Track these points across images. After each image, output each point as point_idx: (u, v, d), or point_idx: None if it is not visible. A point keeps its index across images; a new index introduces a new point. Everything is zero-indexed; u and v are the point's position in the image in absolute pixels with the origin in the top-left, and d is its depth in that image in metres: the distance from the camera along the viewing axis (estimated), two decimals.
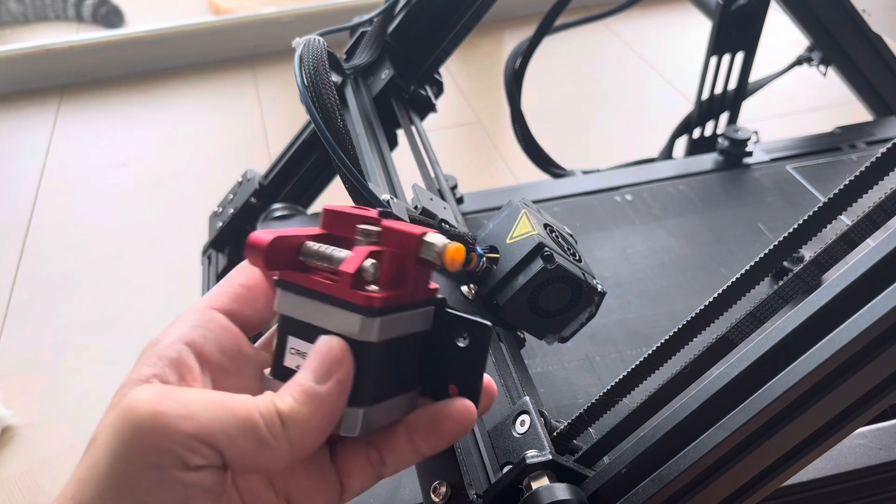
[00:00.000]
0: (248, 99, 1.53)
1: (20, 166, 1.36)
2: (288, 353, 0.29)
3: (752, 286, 0.31)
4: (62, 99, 1.56)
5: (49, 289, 1.08)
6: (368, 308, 0.27)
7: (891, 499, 0.46)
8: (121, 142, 1.42)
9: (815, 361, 0.27)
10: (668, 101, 1.42)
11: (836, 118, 0.92)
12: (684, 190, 0.76)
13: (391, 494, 0.49)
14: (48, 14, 1.80)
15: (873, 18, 0.71)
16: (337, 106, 0.38)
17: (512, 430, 0.34)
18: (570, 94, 1.48)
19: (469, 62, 1.60)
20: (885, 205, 0.27)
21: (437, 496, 0.32)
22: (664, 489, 0.29)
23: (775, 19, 0.81)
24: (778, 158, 0.79)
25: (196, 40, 1.65)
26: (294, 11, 1.68)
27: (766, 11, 0.79)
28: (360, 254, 0.28)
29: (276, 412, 0.26)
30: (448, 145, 1.35)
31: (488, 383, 0.30)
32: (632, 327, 0.60)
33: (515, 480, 0.31)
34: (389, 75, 0.63)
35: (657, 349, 0.32)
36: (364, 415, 0.28)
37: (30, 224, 1.22)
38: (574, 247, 0.43)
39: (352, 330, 0.28)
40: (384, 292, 0.28)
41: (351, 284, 0.27)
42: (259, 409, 0.25)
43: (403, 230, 0.29)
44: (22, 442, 0.85)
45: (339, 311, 0.28)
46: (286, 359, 0.29)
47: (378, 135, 0.56)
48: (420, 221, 0.41)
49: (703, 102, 0.85)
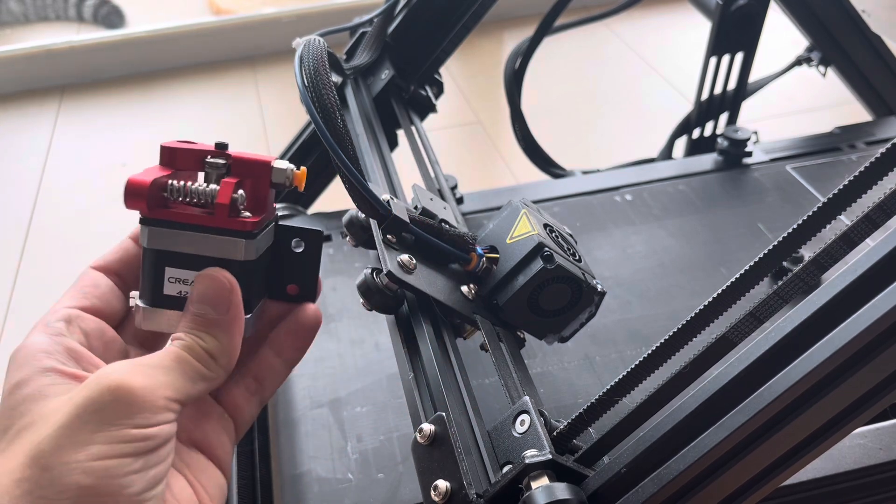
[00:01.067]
0: (249, 99, 1.53)
1: (21, 166, 1.36)
2: (167, 282, 0.33)
3: (751, 286, 0.31)
4: (63, 99, 1.56)
5: (50, 289, 1.08)
6: (248, 232, 0.32)
7: (890, 499, 0.46)
8: (121, 142, 1.42)
9: (814, 361, 0.27)
10: (667, 101, 1.43)
11: (835, 118, 0.92)
12: (684, 190, 0.76)
13: (391, 494, 0.50)
14: (49, 14, 1.81)
15: (873, 19, 0.71)
16: (337, 106, 0.38)
17: (512, 429, 0.34)
18: (570, 94, 1.48)
19: (469, 62, 1.60)
20: (884, 205, 0.27)
21: (437, 496, 0.32)
22: (664, 488, 0.30)
23: (775, 19, 0.81)
24: (777, 158, 0.79)
25: (196, 40, 1.65)
26: (294, 11, 1.68)
27: (765, 12, 0.79)
28: (228, 186, 0.32)
29: (205, 353, 0.31)
30: (448, 145, 1.35)
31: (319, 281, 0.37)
32: (632, 327, 0.60)
33: (515, 480, 0.31)
34: (389, 75, 0.63)
35: (657, 349, 0.32)
36: (248, 322, 0.34)
37: (30, 224, 1.22)
38: (574, 247, 0.43)
39: (236, 253, 0.32)
40: (255, 216, 0.32)
41: (228, 214, 0.32)
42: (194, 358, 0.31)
43: (255, 159, 0.33)
44: None
45: (218, 238, 0.32)
46: (166, 287, 0.33)
47: (378, 135, 0.56)
48: (419, 221, 0.41)
49: (702, 103, 0.85)
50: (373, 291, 0.40)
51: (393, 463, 0.51)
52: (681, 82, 1.47)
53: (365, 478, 0.51)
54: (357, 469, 0.51)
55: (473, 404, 0.37)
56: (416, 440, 0.35)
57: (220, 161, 0.33)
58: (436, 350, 0.38)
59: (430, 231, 0.41)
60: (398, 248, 0.40)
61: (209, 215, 0.32)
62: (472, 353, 0.48)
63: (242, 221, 0.32)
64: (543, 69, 1.17)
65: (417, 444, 0.35)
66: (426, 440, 0.34)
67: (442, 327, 0.40)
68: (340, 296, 0.64)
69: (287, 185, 0.34)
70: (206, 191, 0.32)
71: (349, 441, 0.53)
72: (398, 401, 0.56)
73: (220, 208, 0.32)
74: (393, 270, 0.38)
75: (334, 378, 0.58)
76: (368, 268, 0.41)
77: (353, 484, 0.50)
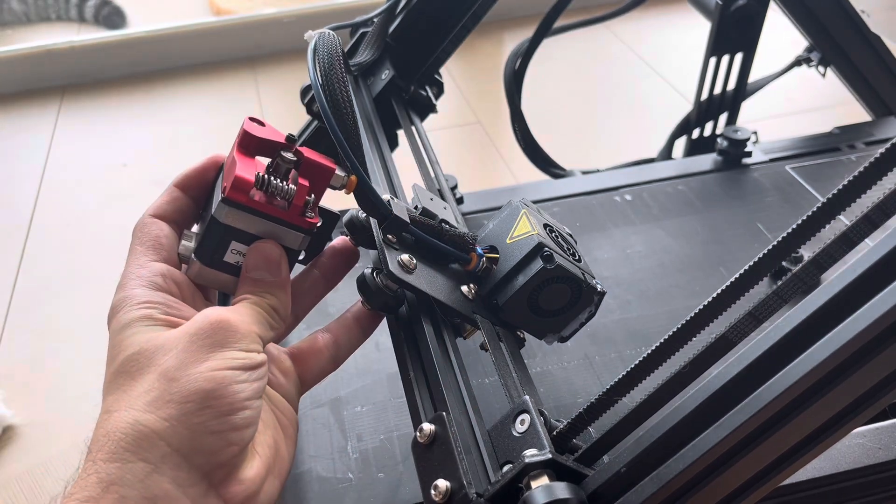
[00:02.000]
0: (249, 99, 1.53)
1: (21, 166, 1.36)
2: (230, 252, 0.39)
3: (751, 286, 0.31)
4: (63, 99, 1.56)
5: (50, 289, 1.08)
6: (309, 230, 0.39)
7: (889, 498, 0.46)
8: (122, 142, 1.42)
9: (813, 361, 0.27)
10: (667, 101, 1.43)
11: (834, 118, 0.92)
12: (683, 190, 0.76)
13: (391, 494, 0.50)
14: (50, 14, 1.81)
15: (872, 19, 0.71)
16: (350, 101, 0.38)
17: (512, 429, 0.34)
18: (569, 95, 1.48)
19: (469, 63, 1.60)
20: (883, 205, 0.27)
21: (437, 495, 0.32)
22: (664, 488, 0.30)
23: (775, 19, 0.82)
24: (777, 158, 0.79)
25: (196, 41, 1.65)
26: (294, 12, 1.68)
27: (765, 12, 0.79)
28: (304, 189, 0.38)
29: (270, 306, 0.38)
30: (448, 145, 1.35)
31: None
32: (631, 327, 0.61)
33: (515, 479, 0.31)
34: (390, 76, 0.63)
35: (656, 349, 0.32)
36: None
37: (31, 224, 1.22)
38: (574, 247, 0.44)
39: (295, 243, 0.39)
40: (314, 219, 0.39)
41: (300, 213, 0.38)
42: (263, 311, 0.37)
43: (322, 163, 0.39)
44: (23, 442, 0.86)
45: (285, 229, 0.39)
46: (227, 256, 0.39)
47: (378, 135, 0.56)
48: (419, 221, 0.41)
49: (702, 103, 0.85)
50: (373, 291, 0.40)
51: (393, 462, 0.52)
52: (680, 82, 1.47)
53: (365, 477, 0.51)
54: (357, 468, 0.51)
55: (473, 404, 0.37)
56: (416, 440, 0.35)
57: (292, 157, 0.38)
58: (436, 350, 0.38)
59: (430, 231, 0.41)
60: (398, 247, 0.40)
61: (283, 210, 0.38)
62: (472, 353, 0.48)
63: (309, 221, 0.39)
64: (543, 70, 1.17)
65: (417, 444, 0.35)
66: (426, 440, 0.34)
67: (442, 327, 0.40)
68: (340, 296, 0.64)
69: (339, 188, 0.40)
70: (286, 189, 0.37)
71: (349, 440, 0.53)
72: (398, 400, 0.56)
73: (294, 207, 0.38)
74: (393, 270, 0.38)
75: (334, 377, 0.57)
76: (368, 268, 0.41)
77: (353, 483, 0.51)
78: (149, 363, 0.34)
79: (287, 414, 0.39)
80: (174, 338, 0.34)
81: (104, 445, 0.32)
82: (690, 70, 0.90)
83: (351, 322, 0.43)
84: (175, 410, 0.32)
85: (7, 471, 0.82)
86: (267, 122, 0.40)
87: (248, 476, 0.34)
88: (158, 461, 0.31)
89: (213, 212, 0.38)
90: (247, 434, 0.34)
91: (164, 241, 0.39)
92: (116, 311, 0.36)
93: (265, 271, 0.38)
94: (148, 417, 0.32)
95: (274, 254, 0.39)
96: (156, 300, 0.36)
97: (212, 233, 0.38)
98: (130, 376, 0.34)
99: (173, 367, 0.33)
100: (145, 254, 0.39)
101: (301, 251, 0.40)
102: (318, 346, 0.42)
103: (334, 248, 0.45)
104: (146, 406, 0.32)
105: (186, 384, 0.32)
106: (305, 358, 0.42)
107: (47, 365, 0.96)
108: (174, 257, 0.40)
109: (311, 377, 0.42)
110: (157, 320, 0.36)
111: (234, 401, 0.33)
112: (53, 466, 0.83)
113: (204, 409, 0.32)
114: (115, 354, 0.35)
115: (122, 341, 0.35)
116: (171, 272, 0.39)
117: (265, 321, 0.37)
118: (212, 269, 0.39)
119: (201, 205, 0.41)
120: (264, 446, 0.36)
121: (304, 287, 0.44)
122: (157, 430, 0.32)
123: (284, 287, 0.39)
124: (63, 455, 0.83)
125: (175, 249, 0.40)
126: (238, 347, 0.34)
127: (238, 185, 0.37)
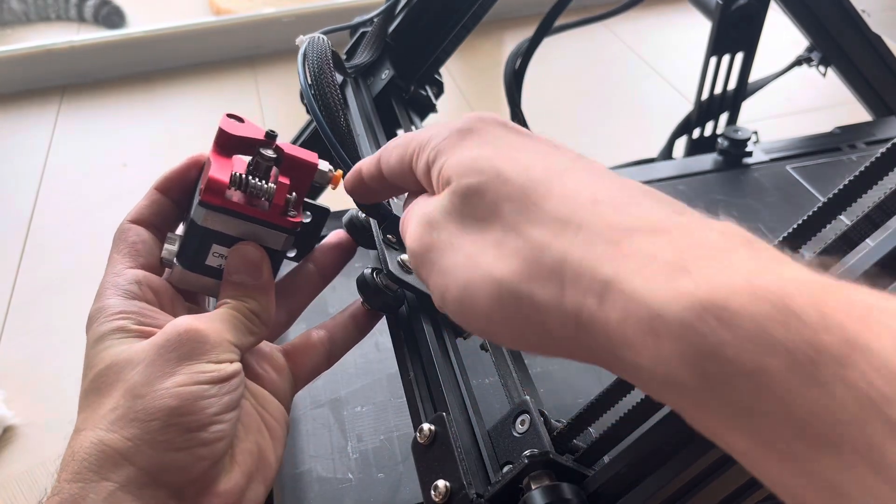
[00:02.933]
0: (249, 99, 1.53)
1: (21, 166, 1.36)
2: (211, 255, 0.38)
3: None
4: (63, 99, 1.56)
5: (50, 289, 1.08)
6: (291, 230, 0.38)
7: None
8: (121, 142, 1.42)
9: None
10: (667, 101, 1.43)
11: (835, 118, 0.92)
12: (684, 190, 0.76)
13: (391, 494, 0.50)
14: (50, 14, 1.81)
15: (873, 19, 0.71)
16: (340, 105, 0.38)
17: (512, 429, 0.34)
18: (570, 95, 1.48)
19: (469, 63, 1.60)
20: (884, 205, 0.27)
21: (437, 496, 0.32)
22: (665, 488, 0.30)
23: (775, 19, 0.81)
24: (777, 158, 0.79)
25: (196, 40, 1.65)
26: (294, 11, 1.68)
27: (765, 11, 0.79)
28: (283, 188, 0.37)
29: (249, 311, 0.37)
30: None
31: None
32: None
33: (515, 480, 0.31)
34: (390, 75, 0.63)
35: None
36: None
37: (31, 224, 1.22)
38: None
39: (277, 244, 0.38)
40: (298, 216, 0.38)
41: (280, 213, 0.37)
42: (243, 316, 0.36)
43: (303, 159, 0.38)
44: (23, 442, 0.86)
45: (266, 229, 0.37)
46: (209, 259, 0.38)
47: (378, 135, 0.56)
48: None
49: (702, 102, 0.85)
50: (373, 291, 0.40)
51: (393, 462, 0.52)
52: (681, 82, 1.47)
53: (365, 477, 0.51)
54: (357, 469, 0.51)
55: (473, 404, 0.37)
56: (416, 440, 0.35)
57: (272, 154, 0.37)
58: (436, 350, 0.38)
59: None
60: (398, 247, 0.40)
61: (263, 210, 0.37)
62: (472, 353, 0.48)
63: (290, 220, 0.38)
64: (543, 70, 1.17)
65: (417, 444, 0.35)
66: (426, 440, 0.34)
67: (442, 327, 0.40)
68: (340, 296, 0.64)
69: (324, 185, 0.39)
70: (266, 188, 0.36)
71: (349, 441, 0.53)
72: (398, 400, 0.56)
73: (275, 207, 0.37)
74: (393, 270, 0.38)
75: (334, 378, 0.58)
76: (368, 268, 0.41)
77: (353, 483, 0.50)
78: (116, 379, 0.33)
79: (276, 414, 0.38)
80: (142, 350, 0.33)
81: (68, 465, 0.32)
82: (690, 70, 0.90)
83: (347, 320, 0.43)
84: (138, 430, 0.31)
85: (7, 471, 0.82)
86: (247, 119, 0.38)
87: (226, 488, 0.33)
88: (123, 481, 0.31)
89: (192, 215, 0.37)
90: (217, 448, 0.33)
91: (140, 247, 0.38)
92: (91, 322, 0.35)
93: (245, 275, 0.37)
94: (111, 437, 0.31)
95: (254, 256, 0.37)
96: (130, 310, 0.35)
97: (191, 236, 0.37)
98: (99, 393, 0.33)
99: (139, 383, 0.32)
100: (121, 261, 0.38)
101: (286, 251, 0.39)
102: (313, 343, 0.42)
103: (329, 243, 0.44)
104: (110, 425, 0.32)
105: (151, 401, 0.32)
106: (299, 354, 0.41)
107: (47, 365, 0.96)
108: (154, 263, 0.38)
109: (305, 374, 0.41)
110: (130, 331, 0.35)
111: (202, 417, 0.32)
112: (53, 466, 0.82)
113: (169, 426, 0.31)
114: (88, 371, 0.34)
115: (95, 356, 0.34)
116: (148, 278, 0.37)
117: (243, 327, 0.36)
118: (194, 274, 0.38)
119: (184, 207, 0.40)
120: (245, 454, 0.35)
121: (298, 283, 0.43)
122: (120, 449, 0.31)
123: (266, 290, 0.38)
124: (63, 455, 0.83)
125: (155, 254, 0.38)
126: (207, 359, 0.33)
127: (212, 186, 0.35)
